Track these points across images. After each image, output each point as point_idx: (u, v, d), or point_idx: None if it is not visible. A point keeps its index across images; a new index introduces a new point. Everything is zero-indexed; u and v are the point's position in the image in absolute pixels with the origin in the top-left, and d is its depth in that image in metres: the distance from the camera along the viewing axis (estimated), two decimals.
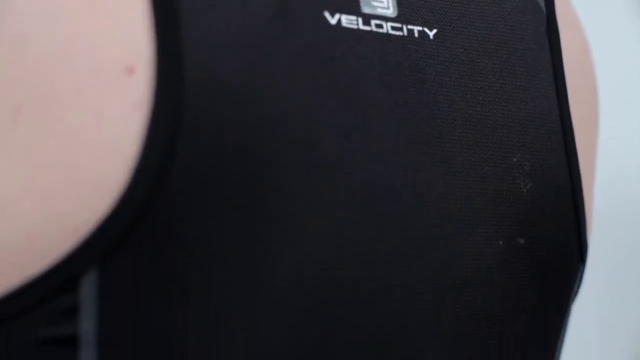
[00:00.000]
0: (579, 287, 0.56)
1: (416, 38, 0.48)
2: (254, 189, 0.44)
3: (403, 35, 0.48)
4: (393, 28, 0.48)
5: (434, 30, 0.49)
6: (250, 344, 0.43)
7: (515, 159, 0.51)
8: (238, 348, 0.43)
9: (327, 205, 0.45)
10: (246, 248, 0.43)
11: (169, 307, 0.42)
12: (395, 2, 0.48)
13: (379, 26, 0.48)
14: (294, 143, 0.44)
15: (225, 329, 0.43)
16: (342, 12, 0.47)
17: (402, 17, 0.48)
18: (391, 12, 0.48)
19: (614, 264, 1.46)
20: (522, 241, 0.51)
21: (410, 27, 0.48)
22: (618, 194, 1.46)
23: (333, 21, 0.46)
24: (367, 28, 0.47)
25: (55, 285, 0.42)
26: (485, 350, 0.49)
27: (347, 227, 0.45)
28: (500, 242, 0.50)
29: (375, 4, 0.48)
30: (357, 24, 0.47)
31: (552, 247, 0.52)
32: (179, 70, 0.42)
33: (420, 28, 0.49)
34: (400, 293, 0.46)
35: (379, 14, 0.48)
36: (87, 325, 0.42)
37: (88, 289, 0.42)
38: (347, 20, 0.47)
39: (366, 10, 0.47)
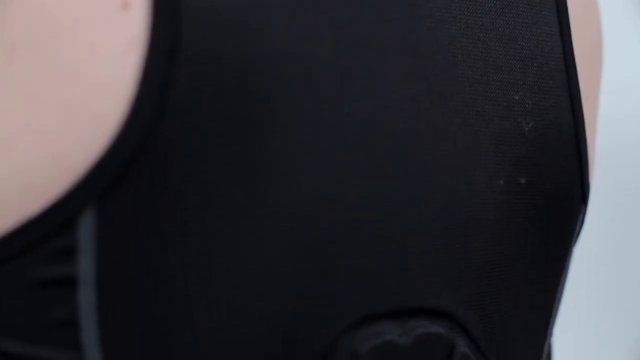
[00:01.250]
0: (580, 228, 0.56)
1: None
2: (252, 124, 0.43)
3: None
4: None
5: None
6: (247, 280, 0.43)
7: (517, 97, 0.50)
8: (236, 284, 0.43)
9: (325, 142, 0.45)
10: (244, 184, 0.43)
11: (168, 244, 0.42)
12: None
13: None
14: (293, 79, 0.44)
15: (223, 265, 0.43)
16: None
17: None
18: None
19: (615, 207, 1.46)
20: (523, 181, 0.50)
21: None
22: (621, 135, 1.45)
23: None
24: None
25: (52, 225, 0.42)
26: (485, 291, 0.49)
27: (346, 164, 0.45)
28: (501, 182, 0.49)
29: None
30: None
31: (553, 187, 0.52)
32: (175, 5, 0.42)
33: None
34: (398, 230, 0.46)
35: None
36: (85, 266, 0.42)
37: (86, 229, 0.41)
38: None
39: None
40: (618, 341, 1.52)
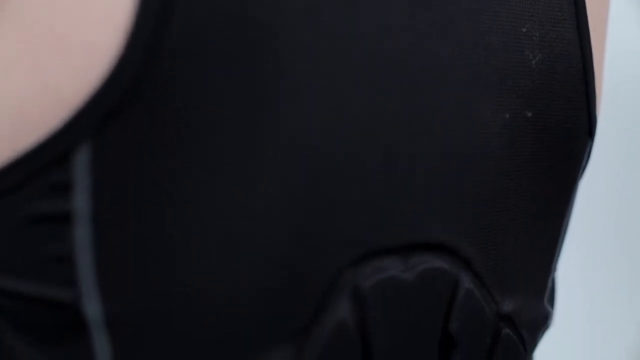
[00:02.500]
0: (587, 162, 0.55)
1: None
2: (253, 54, 0.42)
3: None
4: None
5: None
6: (247, 214, 0.42)
7: (524, 29, 0.49)
8: (236, 217, 0.42)
9: (328, 73, 0.43)
10: (245, 115, 0.42)
11: (166, 178, 0.41)
12: None
13: None
14: (294, 8, 0.43)
15: (223, 199, 0.42)
16: None
17: None
18: None
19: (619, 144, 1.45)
20: (529, 114, 0.50)
21: None
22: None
23: None
24: None
25: (46, 159, 0.41)
26: (489, 225, 0.49)
27: (349, 95, 0.44)
28: (507, 115, 0.48)
29: None
30: None
31: (560, 120, 0.51)
32: None
33: None
34: (403, 162, 0.45)
35: None
36: (80, 201, 0.41)
37: (81, 163, 0.41)
38: None
39: None
40: (617, 341, 1.53)
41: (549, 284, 0.54)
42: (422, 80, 0.46)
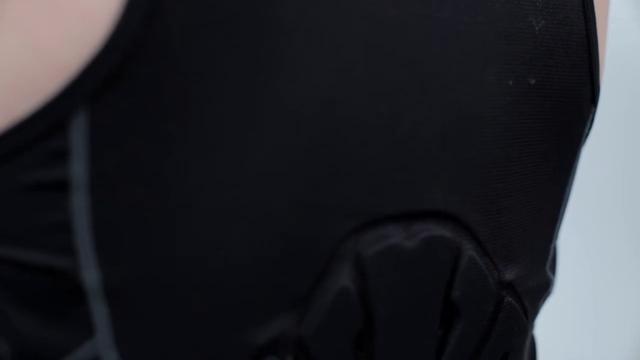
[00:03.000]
0: (589, 130, 0.55)
1: None
2: (254, 21, 0.41)
3: None
4: None
5: None
6: (248, 180, 0.42)
7: None
8: (236, 184, 0.42)
9: (332, 38, 0.43)
10: (247, 79, 0.42)
11: (165, 144, 0.41)
12: None
13: None
14: None
15: (223, 164, 0.42)
16: None
17: None
18: None
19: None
20: (532, 81, 0.49)
21: None
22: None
23: None
24: None
25: (43, 126, 0.40)
26: (491, 193, 0.48)
27: (353, 60, 0.43)
28: (510, 82, 0.48)
29: None
30: None
31: (563, 88, 0.51)
32: None
33: None
34: (405, 128, 0.45)
35: None
36: (77, 169, 0.40)
37: (78, 130, 0.40)
38: None
39: None
40: (618, 341, 1.53)
41: (551, 252, 0.53)
42: (424, 46, 0.45)
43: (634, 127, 1.48)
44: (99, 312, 0.42)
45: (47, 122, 0.40)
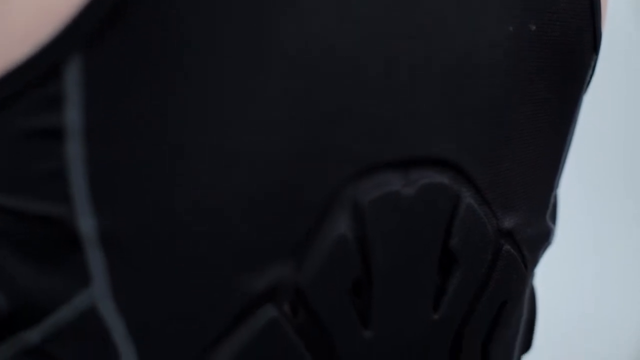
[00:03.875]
0: (591, 77, 0.54)
1: None
2: None
3: None
4: None
5: None
6: (246, 125, 0.42)
7: None
8: (234, 130, 0.41)
9: None
10: (246, 25, 0.41)
11: (163, 89, 0.40)
12: None
13: None
14: None
15: (222, 109, 0.41)
16: None
17: None
18: None
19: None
20: (533, 27, 0.48)
21: None
22: None
23: None
24: None
25: (38, 72, 0.40)
26: (491, 140, 0.48)
27: (349, 6, 0.43)
28: (510, 28, 0.47)
29: None
30: None
31: (564, 35, 0.50)
32: None
33: None
34: (406, 75, 0.44)
35: None
36: (72, 115, 0.40)
37: (73, 76, 0.40)
38: None
39: None
40: (618, 341, 1.53)
41: (551, 201, 0.53)
42: None
43: (634, 128, 1.48)
44: (95, 260, 0.41)
45: (41, 68, 0.40)
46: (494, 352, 0.50)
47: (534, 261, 0.53)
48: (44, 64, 0.39)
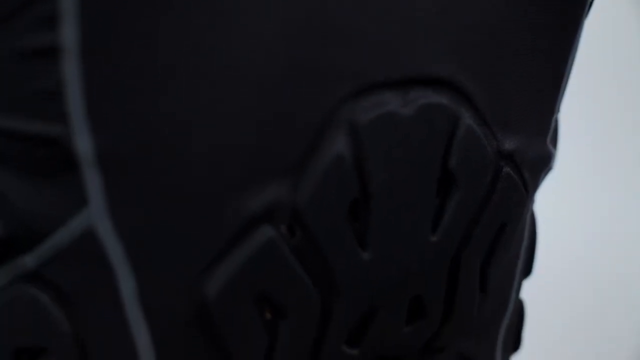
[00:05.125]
0: (590, 6, 0.54)
1: None
2: None
3: None
4: None
5: None
6: (239, 42, 0.41)
7: None
8: (227, 47, 0.41)
9: None
10: None
11: (157, 7, 0.40)
12: None
13: None
14: None
15: (218, 27, 0.40)
16: None
17: None
18: None
19: None
20: None
21: None
22: None
23: None
24: None
25: None
26: (491, 59, 0.47)
27: None
28: None
29: None
30: None
31: None
32: None
33: None
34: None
35: None
36: (68, 33, 0.39)
37: None
38: None
39: None
40: (618, 342, 1.53)
41: (552, 124, 0.52)
42: None
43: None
44: (92, 181, 0.41)
45: None
46: (493, 275, 0.50)
47: (535, 185, 0.52)
48: None
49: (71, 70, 0.40)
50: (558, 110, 0.53)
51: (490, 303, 0.52)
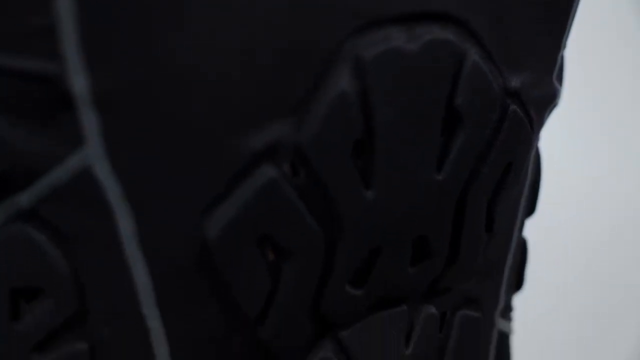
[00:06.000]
0: None
1: None
2: None
3: None
4: None
5: None
6: None
7: None
8: None
9: None
10: None
11: None
12: None
13: None
14: None
15: None
16: None
17: None
18: None
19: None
20: None
21: None
22: None
23: None
24: None
25: None
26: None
27: None
28: None
29: None
30: None
31: None
32: None
33: None
34: None
35: None
36: None
37: None
38: None
39: None
40: (618, 342, 1.53)
41: (558, 61, 0.51)
42: None
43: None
44: (89, 120, 0.40)
45: None
46: (499, 214, 0.49)
47: (540, 122, 0.51)
48: None
49: (66, 6, 0.38)
50: (564, 47, 0.52)
51: (495, 243, 0.51)
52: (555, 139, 1.51)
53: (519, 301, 1.56)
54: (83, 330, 0.42)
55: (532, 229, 1.56)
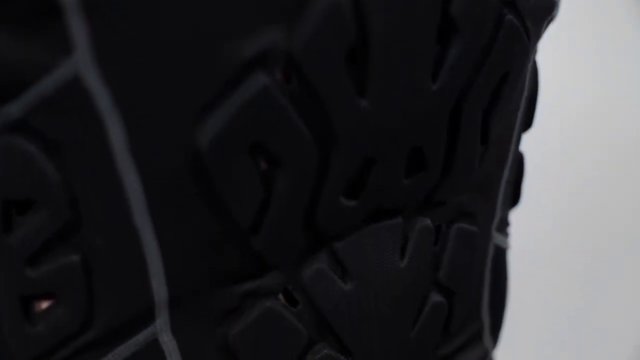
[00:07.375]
0: None
1: None
2: None
3: None
4: None
5: None
6: None
7: None
8: None
9: None
10: None
11: None
12: None
13: None
14: None
15: None
16: None
17: None
18: None
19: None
20: None
21: None
22: None
23: None
24: None
25: None
26: None
27: None
28: None
29: None
30: None
31: None
32: None
33: None
34: None
35: None
36: None
37: None
38: None
39: None
40: (618, 343, 1.52)
41: None
42: None
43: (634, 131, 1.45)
44: (77, 28, 0.39)
45: None
46: (494, 125, 0.49)
47: (537, 34, 0.50)
48: None
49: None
50: None
51: (491, 156, 0.51)
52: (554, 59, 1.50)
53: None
54: (76, 241, 0.42)
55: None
